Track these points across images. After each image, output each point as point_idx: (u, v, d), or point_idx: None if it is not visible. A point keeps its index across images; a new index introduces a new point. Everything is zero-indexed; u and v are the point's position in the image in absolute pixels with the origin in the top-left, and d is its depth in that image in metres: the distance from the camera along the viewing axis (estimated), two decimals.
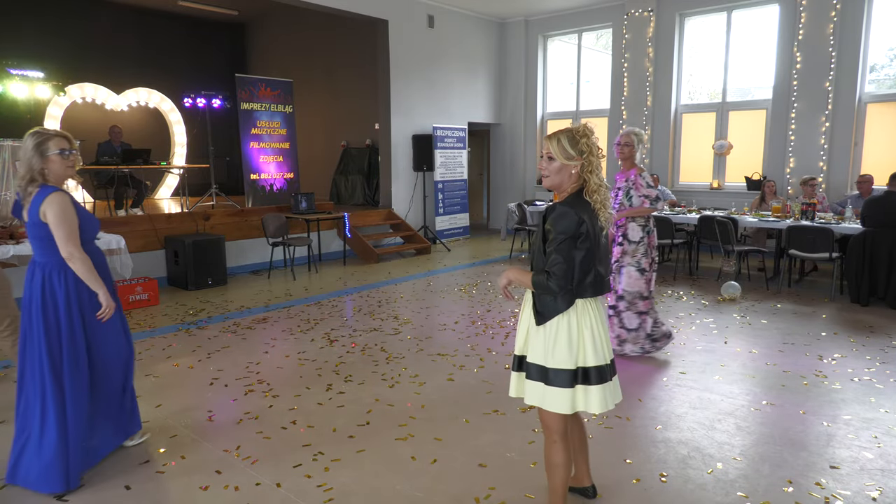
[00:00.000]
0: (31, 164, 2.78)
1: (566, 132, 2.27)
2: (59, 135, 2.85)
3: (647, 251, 4.58)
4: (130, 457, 3.19)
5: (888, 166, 7.94)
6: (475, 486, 2.88)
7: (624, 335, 4.69)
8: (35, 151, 2.78)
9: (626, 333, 4.68)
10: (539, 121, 11.94)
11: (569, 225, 2.18)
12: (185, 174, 9.48)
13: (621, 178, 4.65)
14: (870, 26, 8.30)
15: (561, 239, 2.18)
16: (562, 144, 2.25)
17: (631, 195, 4.54)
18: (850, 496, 2.79)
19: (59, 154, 2.80)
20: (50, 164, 2.80)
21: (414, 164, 10.45)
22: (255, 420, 3.63)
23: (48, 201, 2.73)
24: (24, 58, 9.52)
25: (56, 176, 2.83)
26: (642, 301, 4.63)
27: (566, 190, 2.31)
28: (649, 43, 10.06)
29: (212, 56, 13.16)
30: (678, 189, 9.91)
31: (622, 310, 4.65)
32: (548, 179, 2.32)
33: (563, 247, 2.18)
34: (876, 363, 4.57)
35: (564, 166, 2.26)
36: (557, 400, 2.29)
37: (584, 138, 2.24)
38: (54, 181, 2.84)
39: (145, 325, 5.67)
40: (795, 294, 6.88)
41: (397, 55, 10.10)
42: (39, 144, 2.79)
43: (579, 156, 2.25)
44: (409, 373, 4.41)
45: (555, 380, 2.28)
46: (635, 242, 4.56)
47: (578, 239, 2.19)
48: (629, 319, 4.65)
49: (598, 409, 2.29)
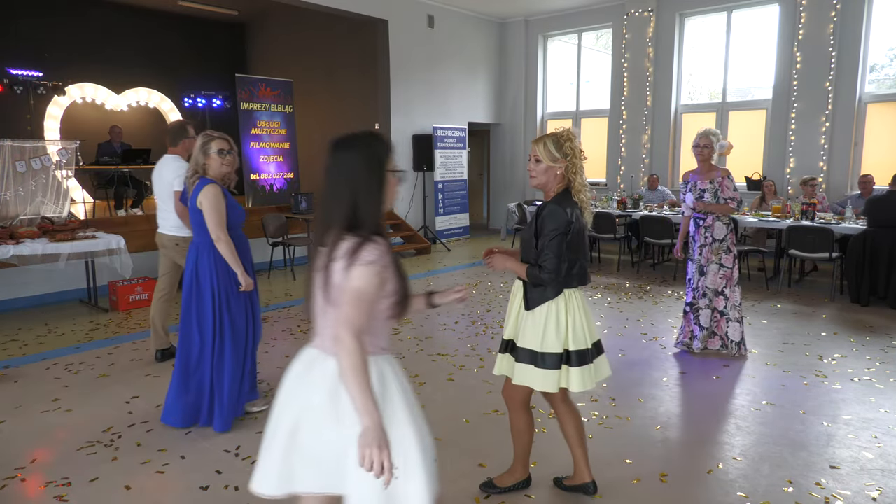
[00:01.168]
0: (196, 160, 3.32)
1: (551, 136, 2.48)
2: (222, 138, 3.37)
3: (729, 249, 4.67)
4: (131, 456, 3.19)
5: (888, 166, 7.95)
6: (475, 486, 2.87)
7: (696, 331, 4.76)
8: (200, 150, 3.31)
9: (699, 330, 4.74)
10: (539, 121, 11.94)
11: (560, 222, 2.39)
12: None
13: (695, 178, 4.74)
14: (870, 26, 8.30)
15: (552, 235, 2.39)
16: (548, 147, 2.46)
17: (718, 197, 4.62)
18: (850, 496, 2.79)
19: (218, 153, 3.31)
20: (210, 161, 3.31)
21: (414, 164, 10.45)
22: (255, 420, 3.63)
23: (203, 192, 3.25)
24: (24, 58, 9.52)
25: (214, 171, 3.33)
26: (721, 299, 4.69)
27: (553, 189, 2.51)
28: (649, 43, 10.06)
29: (212, 56, 13.15)
30: (678, 189, 9.89)
31: (701, 307, 4.72)
32: (534, 180, 2.53)
33: (553, 243, 2.39)
34: (876, 363, 4.57)
35: (550, 168, 2.47)
36: (546, 380, 2.49)
37: (567, 142, 2.45)
38: (212, 175, 3.33)
39: (145, 325, 5.67)
40: (795, 294, 6.87)
41: (397, 55, 10.10)
42: (204, 144, 3.32)
43: (563, 158, 2.46)
44: (409, 373, 4.40)
45: (544, 363, 2.48)
46: (719, 241, 4.65)
47: (567, 235, 2.40)
48: (705, 317, 4.72)
49: (577, 389, 2.50)
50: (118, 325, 5.71)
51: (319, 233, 1.67)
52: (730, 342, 4.70)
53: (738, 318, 4.68)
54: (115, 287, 6.23)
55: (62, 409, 3.81)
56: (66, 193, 6.92)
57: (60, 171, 6.82)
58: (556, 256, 2.38)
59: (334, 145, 1.68)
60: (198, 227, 3.35)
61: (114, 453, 3.23)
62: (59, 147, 6.98)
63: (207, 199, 3.24)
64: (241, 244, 3.42)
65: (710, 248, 4.66)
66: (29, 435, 3.46)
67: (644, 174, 10.11)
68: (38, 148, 6.75)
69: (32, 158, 6.59)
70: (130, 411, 3.76)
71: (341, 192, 1.63)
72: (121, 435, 3.43)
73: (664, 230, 7.69)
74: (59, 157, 6.83)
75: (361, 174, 1.63)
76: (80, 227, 6.30)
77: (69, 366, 4.58)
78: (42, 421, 3.64)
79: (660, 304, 6.44)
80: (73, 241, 5.75)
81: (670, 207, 8.46)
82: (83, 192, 9.57)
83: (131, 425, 3.56)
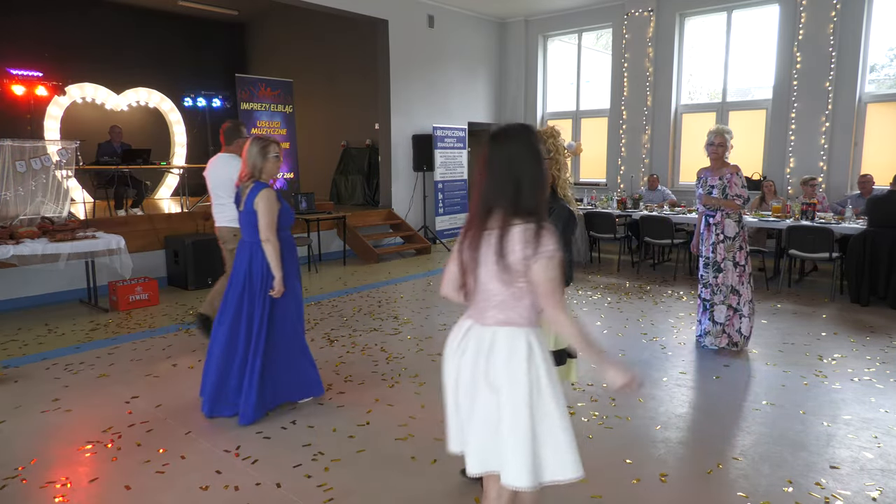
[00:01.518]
0: (254, 163, 3.45)
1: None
2: (275, 141, 3.53)
3: (742, 246, 4.73)
4: (131, 456, 3.19)
5: (888, 166, 7.95)
6: (475, 487, 2.87)
7: (709, 327, 4.82)
8: (259, 153, 3.44)
9: (713, 326, 4.81)
10: (539, 121, 11.93)
11: (568, 223, 2.43)
12: (185, 174, 9.48)
13: (706, 174, 4.82)
14: (870, 26, 8.30)
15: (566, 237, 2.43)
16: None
17: (726, 193, 4.68)
18: (850, 496, 2.79)
19: (275, 157, 3.49)
20: (267, 164, 3.46)
21: (414, 164, 10.45)
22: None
23: (261, 195, 3.39)
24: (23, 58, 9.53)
25: (268, 174, 3.50)
26: (735, 296, 4.74)
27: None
28: (649, 43, 10.05)
29: (212, 56, 13.15)
30: (678, 189, 9.91)
31: (716, 303, 4.77)
32: None
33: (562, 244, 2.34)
34: (876, 363, 4.57)
35: None
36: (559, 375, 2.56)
37: (550, 139, 2.47)
38: (266, 178, 3.49)
39: (145, 325, 5.67)
40: (795, 294, 6.87)
41: (397, 55, 10.10)
42: (263, 148, 3.46)
43: (546, 155, 2.45)
44: (409, 373, 4.41)
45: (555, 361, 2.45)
46: (731, 238, 4.71)
47: (573, 234, 2.49)
48: (719, 313, 4.77)
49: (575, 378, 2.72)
50: (118, 325, 5.71)
51: (480, 217, 1.81)
52: (740, 338, 4.79)
53: (749, 314, 4.77)
54: (115, 287, 6.23)
55: (62, 409, 3.81)
56: (66, 193, 6.92)
57: (60, 171, 6.82)
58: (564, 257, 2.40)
59: (494, 137, 1.82)
60: (251, 227, 3.48)
61: (114, 453, 3.23)
62: (59, 147, 6.98)
63: (264, 202, 3.39)
64: (287, 244, 3.59)
65: (724, 246, 4.73)
66: (29, 435, 3.46)
67: (644, 174, 10.11)
68: (38, 148, 6.75)
69: (32, 158, 6.59)
70: (130, 411, 3.76)
71: (505, 181, 1.78)
72: (121, 435, 3.43)
73: (664, 230, 7.69)
74: (59, 157, 6.83)
75: (524, 163, 1.78)
76: (80, 227, 6.30)
77: (69, 366, 4.58)
78: (42, 421, 3.64)
79: (660, 304, 6.44)
80: (73, 241, 5.75)
81: (670, 207, 8.46)
82: (83, 192, 9.56)
83: (131, 425, 3.56)
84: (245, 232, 3.57)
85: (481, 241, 1.82)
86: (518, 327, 1.83)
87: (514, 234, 1.75)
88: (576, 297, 6.77)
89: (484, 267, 1.81)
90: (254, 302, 3.51)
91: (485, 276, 1.82)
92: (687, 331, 5.44)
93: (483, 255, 1.81)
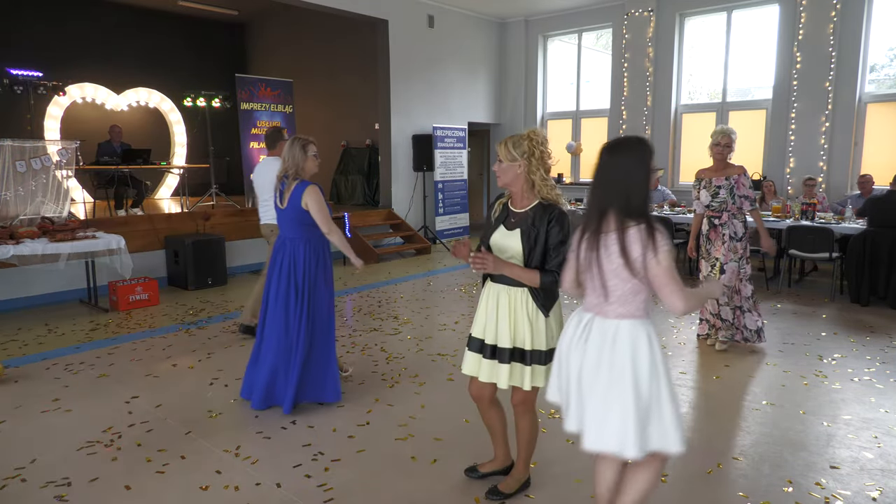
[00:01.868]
0: (296, 162, 3.57)
1: (513, 137, 2.53)
2: (313, 141, 3.67)
3: (746, 246, 4.78)
4: (130, 456, 3.19)
5: (888, 166, 7.94)
6: (475, 487, 2.87)
7: (719, 323, 4.87)
8: (301, 152, 3.58)
9: (722, 322, 4.85)
10: (539, 121, 11.94)
11: (569, 228, 2.42)
12: (185, 174, 9.49)
13: (708, 175, 4.80)
14: (870, 26, 8.30)
15: (565, 240, 2.41)
16: (507, 148, 2.50)
17: (734, 194, 4.68)
18: (850, 496, 2.79)
19: (314, 156, 3.63)
20: (307, 162, 3.60)
21: (414, 164, 10.44)
22: (255, 420, 3.63)
23: (307, 193, 3.52)
24: (24, 58, 9.53)
25: (308, 172, 3.63)
26: (738, 295, 4.78)
27: (517, 190, 2.53)
28: (649, 43, 10.06)
29: (212, 56, 13.15)
30: (678, 189, 9.91)
31: (721, 304, 4.80)
32: (500, 179, 2.56)
33: (564, 248, 2.38)
34: (876, 363, 4.57)
35: (510, 167, 2.50)
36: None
37: (526, 141, 2.47)
38: (308, 175, 3.63)
39: (145, 325, 5.67)
40: (795, 294, 6.87)
41: (397, 55, 10.10)
42: (304, 147, 3.60)
43: (521, 157, 2.47)
44: (409, 373, 4.41)
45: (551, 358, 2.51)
46: (737, 239, 4.72)
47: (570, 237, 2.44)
48: (726, 313, 4.82)
49: None
50: (118, 325, 5.71)
51: (596, 220, 2.06)
52: (749, 332, 4.84)
53: (750, 309, 4.81)
54: (115, 287, 6.23)
55: (62, 409, 3.81)
56: (66, 193, 6.92)
57: (60, 171, 6.82)
58: (563, 260, 2.36)
59: (611, 148, 2.07)
60: (297, 223, 3.60)
61: (114, 453, 3.23)
62: (59, 147, 6.98)
63: (312, 199, 3.52)
64: (324, 242, 3.73)
65: (729, 246, 4.72)
66: (29, 435, 3.46)
67: None
68: (38, 148, 6.75)
69: (32, 158, 6.59)
70: (130, 411, 3.76)
71: (619, 188, 2.02)
72: (121, 435, 3.43)
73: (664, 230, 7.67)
74: (59, 157, 6.83)
75: (635, 173, 2.02)
76: (80, 227, 6.30)
77: (69, 366, 4.58)
78: (42, 421, 3.64)
79: (660, 303, 6.42)
80: (73, 241, 5.75)
81: (670, 207, 8.46)
82: (83, 192, 9.57)
83: (131, 425, 3.56)
84: (287, 228, 3.65)
85: (599, 243, 2.05)
86: (637, 319, 2.06)
87: (631, 235, 1.99)
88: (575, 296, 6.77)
89: (604, 265, 2.04)
90: (298, 297, 3.62)
91: (605, 274, 2.04)
92: (687, 331, 5.44)
93: (602, 254, 2.04)
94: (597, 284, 2.07)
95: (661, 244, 1.97)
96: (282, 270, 3.63)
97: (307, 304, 3.61)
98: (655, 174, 2.20)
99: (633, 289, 2.03)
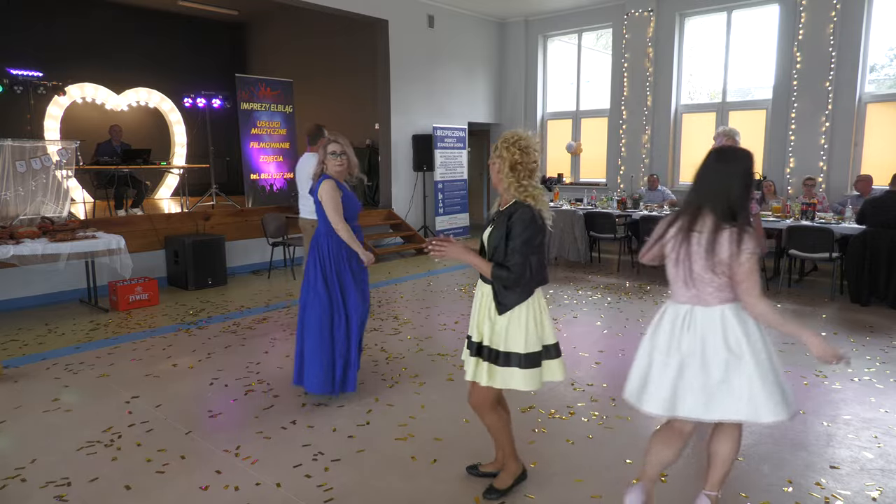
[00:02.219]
0: (321, 159, 3.82)
1: (500, 138, 2.59)
2: (335, 141, 3.81)
3: None
4: (130, 456, 3.19)
5: (888, 166, 7.93)
6: (475, 486, 2.87)
7: None
8: (323, 150, 3.80)
9: None
10: (539, 121, 11.94)
11: (531, 225, 2.45)
12: (185, 174, 9.49)
13: None
14: (870, 26, 8.30)
15: (524, 237, 2.44)
16: (496, 149, 2.57)
17: None
18: (850, 496, 2.79)
19: (331, 155, 3.78)
20: (328, 160, 3.80)
21: (414, 164, 10.45)
22: (255, 420, 3.63)
23: (321, 187, 3.74)
24: (24, 58, 9.53)
25: (332, 170, 3.80)
26: None
27: (500, 189, 2.59)
28: (649, 43, 10.05)
29: (212, 56, 13.16)
30: (678, 189, 9.90)
31: None
32: (493, 180, 2.63)
33: (523, 245, 2.45)
34: (876, 363, 4.57)
35: (491, 166, 2.60)
36: (531, 379, 2.55)
37: (503, 142, 2.52)
38: (331, 173, 3.80)
39: (145, 325, 5.67)
40: (795, 294, 6.87)
41: (397, 55, 10.10)
42: (326, 145, 3.81)
43: (498, 158, 2.54)
44: (409, 373, 4.41)
45: (529, 362, 2.54)
46: None
47: (536, 237, 2.47)
48: None
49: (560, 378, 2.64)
50: (118, 325, 5.71)
51: (690, 218, 2.26)
52: None
53: None
54: (115, 287, 6.23)
55: (62, 409, 3.81)
56: (66, 193, 6.92)
57: (60, 171, 6.83)
58: (523, 259, 2.44)
59: (721, 156, 2.28)
60: (321, 216, 3.83)
61: (114, 453, 3.23)
62: (59, 147, 6.98)
63: (324, 192, 3.73)
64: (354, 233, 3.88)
65: None
66: (29, 435, 3.46)
67: (644, 174, 10.11)
68: (38, 148, 6.75)
69: (32, 158, 6.59)
70: (130, 411, 3.76)
71: (721, 191, 2.21)
72: (121, 435, 3.44)
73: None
74: (59, 157, 6.83)
75: (738, 181, 2.22)
76: (80, 227, 6.31)
77: (69, 366, 4.58)
78: (42, 421, 3.64)
79: (660, 304, 6.41)
80: (73, 241, 5.75)
81: (670, 207, 8.46)
82: (83, 192, 9.57)
83: (131, 425, 3.56)
84: (320, 221, 3.87)
85: (690, 240, 2.24)
86: (738, 302, 2.25)
87: (724, 236, 2.18)
88: (576, 297, 6.78)
89: (697, 261, 2.23)
90: (328, 285, 3.80)
91: (698, 268, 2.23)
92: None
93: (694, 251, 2.23)
94: (688, 277, 2.25)
95: (745, 247, 2.15)
96: (314, 261, 3.86)
97: (338, 293, 3.79)
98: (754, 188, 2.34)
99: (725, 281, 2.22)
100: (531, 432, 3.42)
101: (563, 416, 3.67)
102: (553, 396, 3.94)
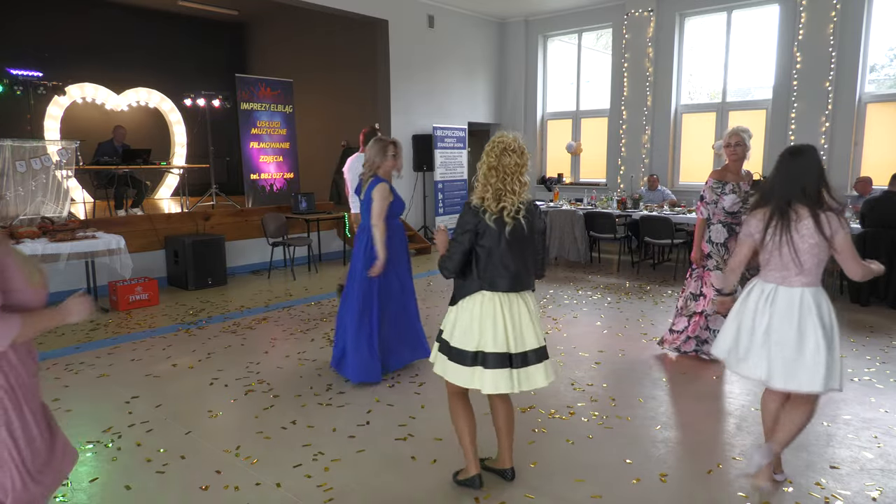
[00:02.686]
0: (373, 160, 3.98)
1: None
2: (393, 142, 4.03)
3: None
4: (131, 456, 3.19)
5: (888, 166, 7.93)
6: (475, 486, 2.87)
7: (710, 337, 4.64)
8: (380, 152, 3.97)
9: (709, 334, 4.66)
10: (539, 121, 11.94)
11: (462, 222, 2.61)
12: (185, 174, 9.48)
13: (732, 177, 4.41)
14: (870, 26, 8.30)
15: (457, 232, 2.62)
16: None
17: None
18: (850, 496, 2.79)
19: (393, 157, 3.99)
20: (387, 162, 3.98)
21: (414, 164, 10.45)
22: (255, 420, 3.63)
23: (377, 188, 3.91)
24: (24, 58, 9.52)
25: (385, 170, 4.01)
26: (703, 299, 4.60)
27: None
28: (649, 43, 10.05)
29: (212, 56, 13.14)
30: (678, 189, 9.91)
31: (710, 313, 4.58)
32: None
33: (456, 238, 2.63)
34: (876, 363, 4.57)
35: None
36: (456, 374, 2.63)
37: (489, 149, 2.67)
38: (382, 174, 4.01)
39: (145, 325, 5.67)
40: None
41: (397, 55, 10.10)
42: (384, 147, 3.98)
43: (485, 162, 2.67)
44: (409, 373, 4.41)
45: (455, 357, 2.62)
46: (719, 243, 4.44)
47: (467, 234, 2.58)
48: (714, 322, 4.60)
49: (489, 391, 2.59)
50: (118, 325, 5.71)
51: (782, 209, 2.60)
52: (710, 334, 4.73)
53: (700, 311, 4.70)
54: (115, 287, 6.23)
55: (62, 409, 3.80)
56: (66, 193, 6.92)
57: (60, 171, 6.82)
58: (452, 251, 2.61)
59: (793, 154, 2.67)
60: (367, 214, 4.00)
61: (114, 453, 3.23)
62: (59, 147, 6.98)
63: (378, 193, 3.90)
64: (397, 231, 4.18)
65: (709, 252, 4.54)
66: None
67: (644, 174, 10.10)
68: (38, 148, 6.75)
69: (32, 158, 6.59)
70: (130, 411, 3.76)
71: (797, 183, 2.61)
72: (121, 435, 3.44)
73: (664, 230, 7.69)
74: (59, 157, 6.83)
75: (813, 172, 2.61)
76: (80, 227, 6.30)
77: (69, 366, 4.58)
78: None
79: (660, 304, 6.44)
80: (73, 241, 5.75)
81: (670, 207, 8.46)
82: (83, 192, 9.56)
83: (131, 425, 3.56)
84: (365, 217, 4.06)
85: (791, 228, 2.59)
86: (817, 287, 2.63)
87: (824, 219, 2.55)
88: (576, 297, 6.77)
89: (798, 245, 2.57)
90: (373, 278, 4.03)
91: (800, 252, 2.57)
92: None
93: (795, 237, 2.57)
94: (787, 261, 2.59)
95: (843, 225, 2.55)
96: (359, 254, 4.09)
97: (376, 285, 4.05)
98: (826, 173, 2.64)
99: (819, 263, 2.58)
100: (531, 432, 3.42)
101: (563, 416, 3.67)
102: (553, 396, 3.94)
